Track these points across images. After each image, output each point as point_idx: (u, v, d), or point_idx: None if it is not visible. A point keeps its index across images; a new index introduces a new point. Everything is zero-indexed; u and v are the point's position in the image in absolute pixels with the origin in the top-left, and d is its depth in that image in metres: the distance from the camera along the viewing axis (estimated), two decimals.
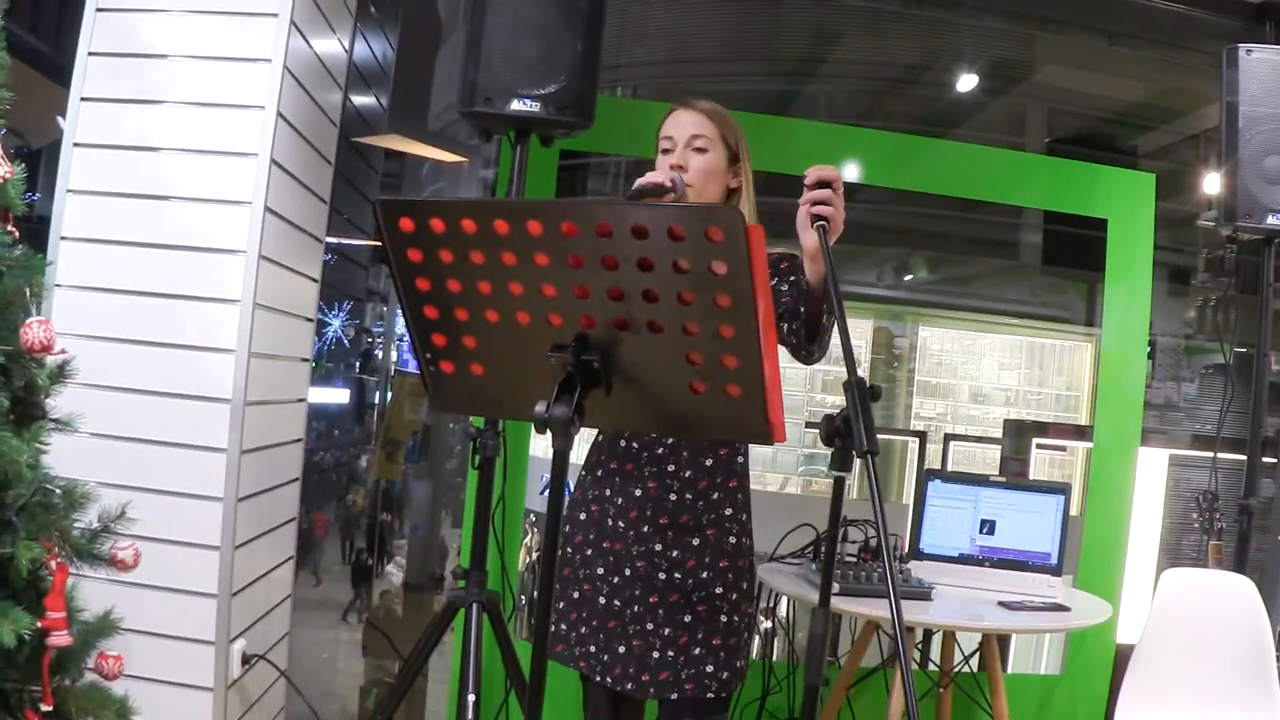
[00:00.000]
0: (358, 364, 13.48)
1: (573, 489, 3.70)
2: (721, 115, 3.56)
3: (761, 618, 5.44)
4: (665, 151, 3.52)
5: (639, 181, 3.27)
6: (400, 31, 8.61)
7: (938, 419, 10.11)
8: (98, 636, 3.71)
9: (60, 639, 3.38)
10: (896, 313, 10.02)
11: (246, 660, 4.53)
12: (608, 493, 3.53)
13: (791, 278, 3.40)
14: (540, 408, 2.21)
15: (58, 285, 4.30)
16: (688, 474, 3.47)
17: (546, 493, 6.03)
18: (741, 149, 3.57)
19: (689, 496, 3.46)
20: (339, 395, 13.51)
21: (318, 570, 10.01)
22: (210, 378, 4.28)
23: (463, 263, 2.28)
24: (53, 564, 3.41)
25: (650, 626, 3.41)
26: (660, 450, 3.49)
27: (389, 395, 12.42)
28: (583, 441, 3.34)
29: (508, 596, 5.16)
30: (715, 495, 3.49)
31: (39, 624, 3.32)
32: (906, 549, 5.06)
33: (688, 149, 3.48)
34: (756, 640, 4.98)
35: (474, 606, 4.44)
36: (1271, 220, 5.15)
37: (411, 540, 9.68)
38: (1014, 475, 8.15)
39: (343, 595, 9.67)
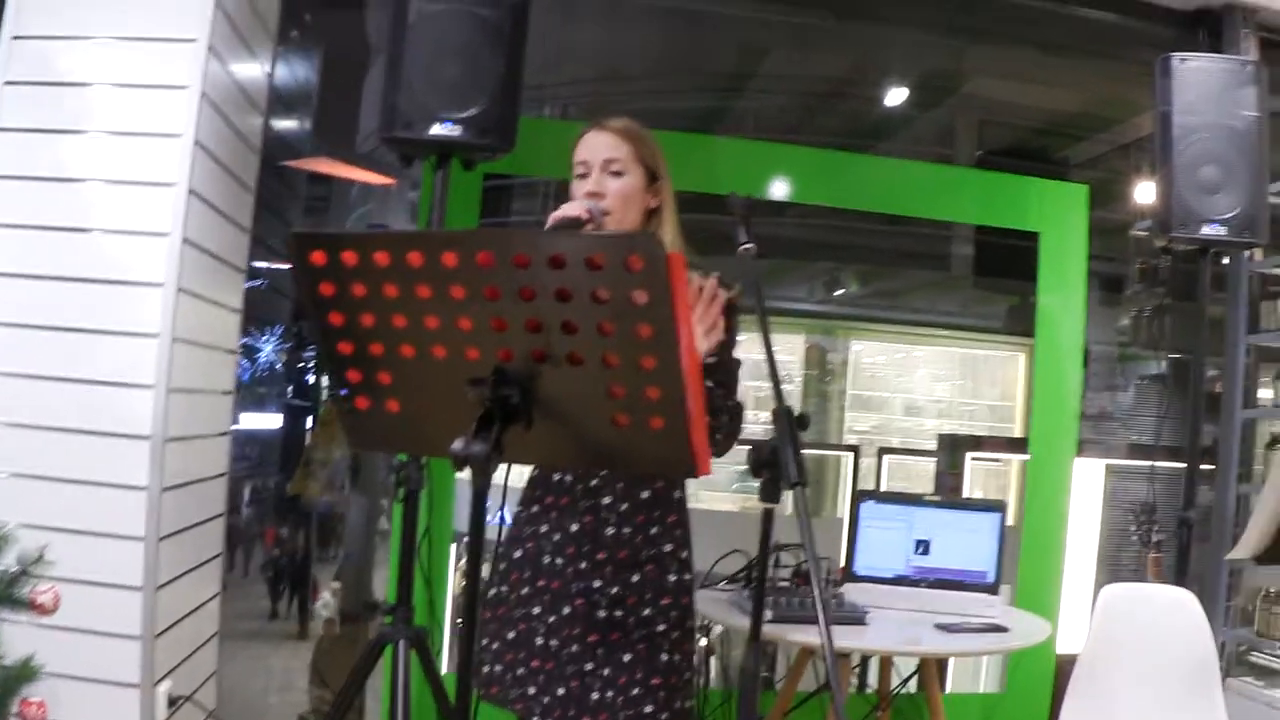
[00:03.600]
0: (290, 390, 13.41)
1: (509, 524, 3.62)
2: (636, 134, 3.49)
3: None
4: (581, 177, 3.45)
5: (553, 217, 3.21)
6: (323, 54, 8.56)
7: (871, 433, 10.14)
8: (19, 683, 3.65)
9: None
10: (828, 327, 10.06)
11: (173, 702, 4.45)
12: (544, 529, 3.46)
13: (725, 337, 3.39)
14: (458, 444, 2.14)
15: None
16: (624, 508, 3.40)
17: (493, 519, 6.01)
18: (659, 167, 3.50)
19: (627, 531, 3.39)
20: (272, 421, 13.44)
21: (250, 598, 9.93)
22: (129, 414, 4.20)
23: (376, 296, 2.21)
24: None
25: (590, 666, 3.34)
26: (595, 483, 3.42)
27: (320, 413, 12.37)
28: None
29: (436, 631, 5.09)
30: (654, 530, 3.43)
31: None
32: (841, 572, 5.01)
33: (603, 173, 3.41)
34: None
35: (401, 643, 4.37)
36: (1207, 231, 5.14)
37: (344, 566, 9.60)
38: (949, 490, 8.15)
39: (276, 624, 9.59)
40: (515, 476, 3.11)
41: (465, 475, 2.14)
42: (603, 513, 3.39)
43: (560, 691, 3.34)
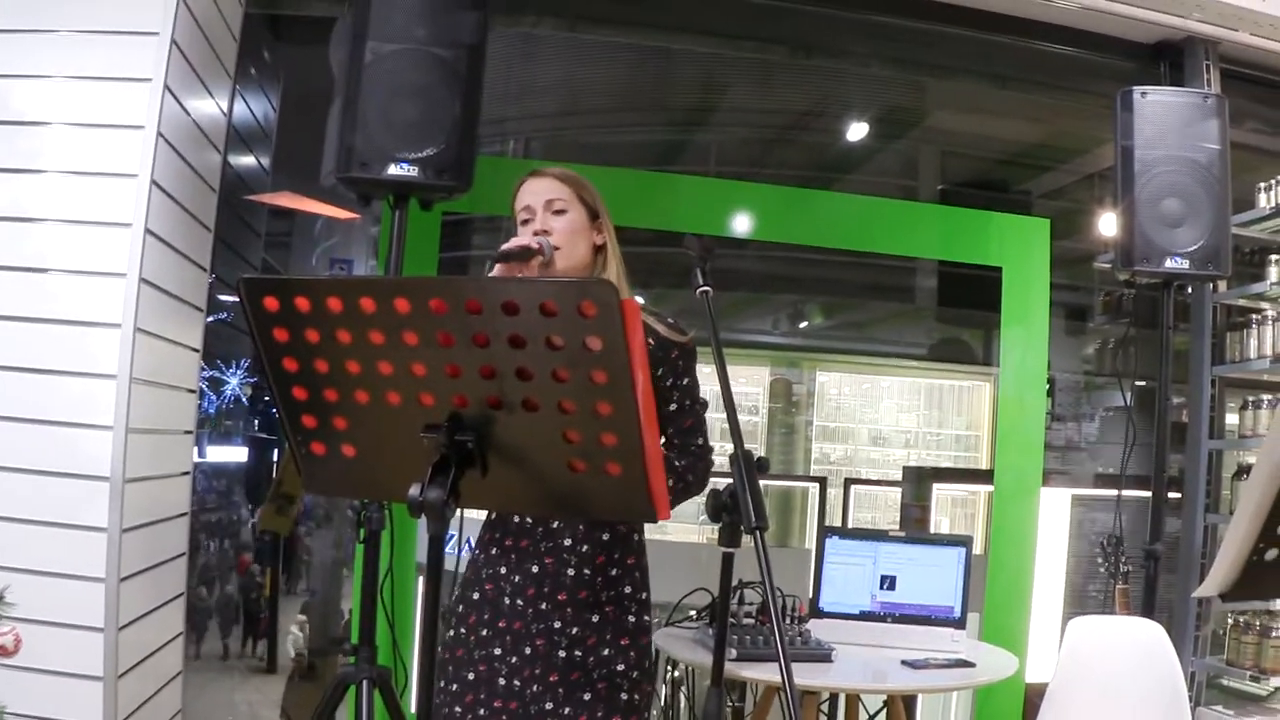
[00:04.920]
0: (256, 422, 13.37)
1: (465, 568, 3.61)
2: (573, 177, 3.55)
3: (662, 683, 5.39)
4: (524, 223, 3.50)
5: (504, 246, 3.26)
6: (283, 91, 8.54)
7: (838, 463, 10.13)
8: None
9: None
10: (793, 359, 10.06)
11: None
12: (503, 570, 3.46)
13: (684, 380, 3.47)
14: (414, 491, 2.13)
15: None
16: (584, 549, 3.41)
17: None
18: (599, 206, 3.56)
19: (587, 572, 3.40)
20: (238, 454, 13.41)
21: (214, 635, 9.88)
22: (88, 455, 4.17)
23: (329, 342, 2.20)
24: None
25: (550, 706, 3.34)
26: (555, 525, 3.42)
27: (285, 450, 12.32)
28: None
29: (399, 669, 5.06)
30: (614, 571, 3.44)
31: None
32: (806, 608, 4.99)
33: (546, 213, 3.47)
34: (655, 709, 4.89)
35: (364, 683, 4.35)
36: (1170, 264, 5.17)
37: (311, 602, 9.57)
38: (915, 522, 8.14)
39: (242, 660, 9.55)
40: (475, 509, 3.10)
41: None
42: (563, 554, 3.40)
43: None
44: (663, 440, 3.45)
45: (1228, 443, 6.45)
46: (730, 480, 2.58)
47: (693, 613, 4.98)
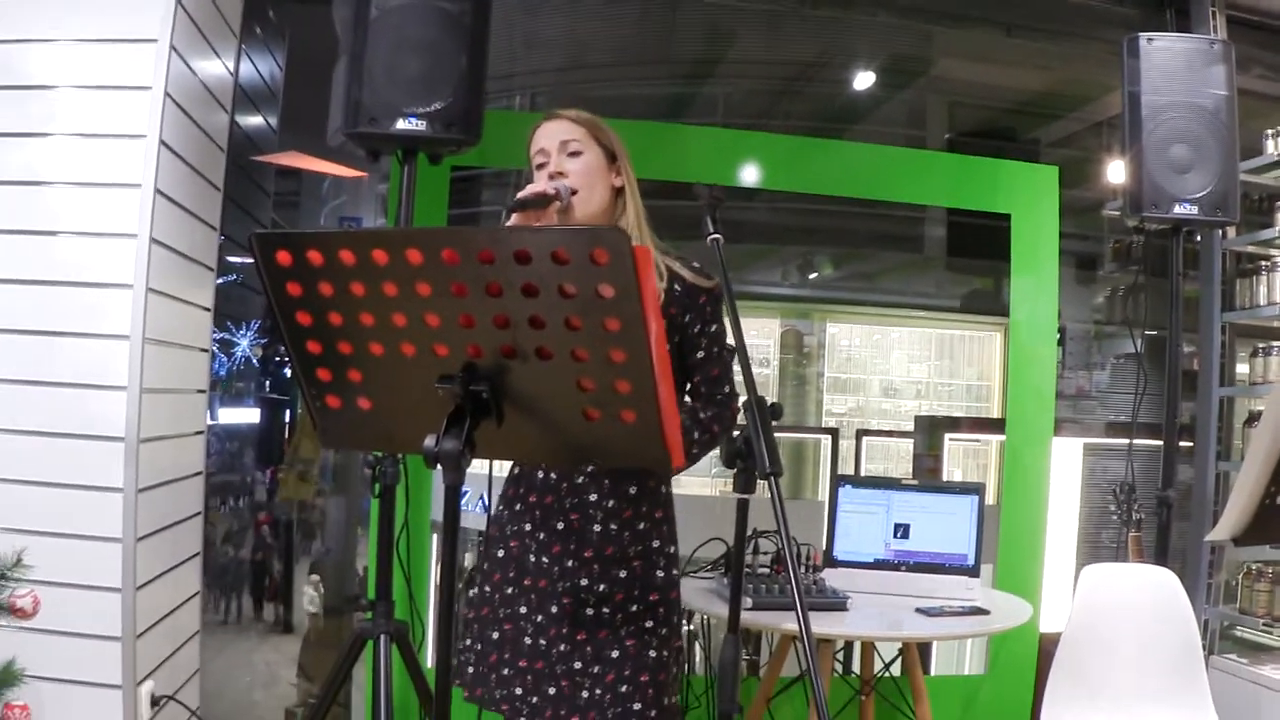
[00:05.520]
0: (267, 383, 13.36)
1: (488, 525, 3.60)
2: (588, 118, 3.50)
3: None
4: (540, 166, 3.45)
5: (521, 194, 3.21)
6: (288, 50, 8.52)
7: (849, 414, 10.11)
8: (2, 687, 3.64)
9: None
10: (803, 310, 10.02)
11: (156, 702, 4.44)
12: (528, 527, 3.43)
13: (713, 326, 3.42)
14: (429, 442, 2.14)
15: None
16: (610, 504, 3.37)
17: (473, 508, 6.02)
18: (617, 147, 3.50)
19: (613, 528, 3.37)
20: (249, 415, 13.39)
21: (231, 596, 9.90)
22: (102, 416, 4.19)
23: (343, 295, 2.21)
24: None
25: (578, 665, 3.32)
26: (580, 480, 3.39)
27: (299, 413, 12.33)
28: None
29: (416, 624, 5.07)
30: (641, 526, 3.41)
31: None
32: (820, 557, 5.00)
33: (562, 155, 3.41)
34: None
35: (382, 638, 4.36)
36: (1179, 210, 5.15)
37: (325, 561, 9.58)
38: (927, 472, 8.14)
39: (259, 621, 9.55)
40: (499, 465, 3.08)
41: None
42: (589, 510, 3.37)
43: (550, 691, 3.32)
44: (689, 388, 3.44)
45: (1238, 390, 6.45)
46: (745, 426, 2.58)
47: (707, 566, 5.00)
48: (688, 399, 3.43)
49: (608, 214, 3.45)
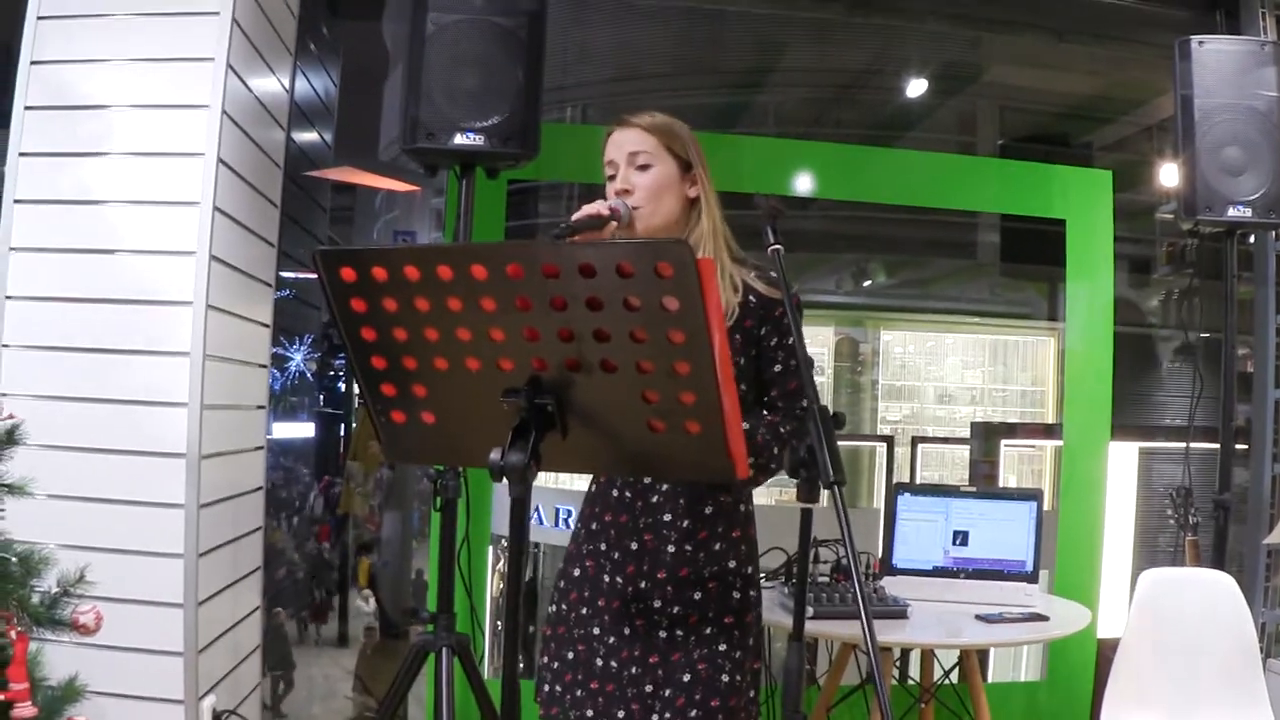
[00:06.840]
0: (321, 398, 13.43)
1: (568, 542, 3.56)
2: (662, 126, 3.36)
3: None
4: (611, 178, 3.35)
5: (574, 217, 3.09)
6: (342, 66, 8.58)
7: (904, 422, 10.10)
8: (65, 703, 3.68)
9: (24, 710, 3.34)
10: (857, 319, 10.03)
11: (218, 716, 4.46)
12: (603, 547, 3.37)
13: (789, 339, 3.30)
14: (495, 455, 2.14)
15: (4, 346, 4.24)
16: (685, 524, 3.29)
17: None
18: (693, 155, 3.36)
19: (689, 548, 3.29)
20: (304, 430, 13.46)
21: (290, 610, 9.94)
22: (164, 432, 4.23)
23: (408, 310, 2.22)
24: (12, 634, 3.36)
25: (650, 689, 3.25)
26: (656, 499, 3.31)
27: (354, 428, 12.39)
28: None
29: (478, 637, 5.09)
30: (718, 546, 3.33)
31: (2, 696, 3.26)
32: (879, 565, 4.99)
33: (629, 168, 3.30)
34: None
35: (444, 651, 4.37)
36: (1233, 212, 5.14)
37: (382, 574, 9.62)
38: (984, 478, 8.13)
39: (318, 634, 9.60)
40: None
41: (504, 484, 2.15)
42: (663, 530, 3.29)
43: (619, 714, 3.26)
44: (766, 400, 3.36)
45: None
46: (807, 435, 2.58)
47: (763, 575, 5.00)
48: (765, 413, 3.36)
49: (677, 226, 3.35)
